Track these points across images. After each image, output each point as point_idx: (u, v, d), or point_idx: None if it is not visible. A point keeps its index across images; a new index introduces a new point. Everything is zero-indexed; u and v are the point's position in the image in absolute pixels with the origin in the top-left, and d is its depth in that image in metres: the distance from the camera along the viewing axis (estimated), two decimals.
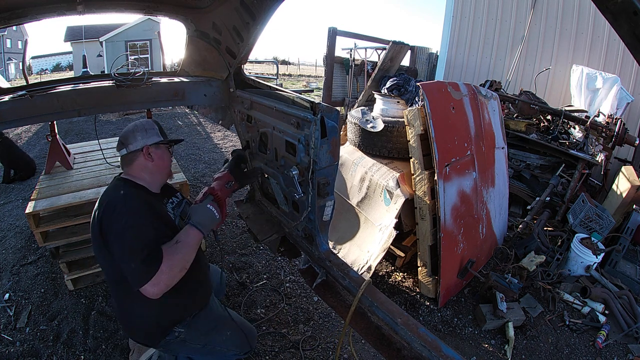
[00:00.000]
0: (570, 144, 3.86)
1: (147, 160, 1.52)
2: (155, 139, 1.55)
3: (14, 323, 2.25)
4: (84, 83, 2.02)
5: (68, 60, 22.63)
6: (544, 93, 5.74)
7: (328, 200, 1.66)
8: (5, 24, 1.62)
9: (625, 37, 0.71)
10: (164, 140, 1.59)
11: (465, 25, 6.55)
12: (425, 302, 2.67)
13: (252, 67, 17.59)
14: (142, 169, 1.53)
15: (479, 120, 2.88)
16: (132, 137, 1.51)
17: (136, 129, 1.53)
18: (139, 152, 1.51)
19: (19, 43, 23.24)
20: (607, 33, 5.41)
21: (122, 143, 1.52)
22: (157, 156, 1.55)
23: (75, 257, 2.44)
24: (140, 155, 1.51)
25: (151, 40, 16.43)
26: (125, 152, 1.51)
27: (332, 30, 5.80)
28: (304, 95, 1.74)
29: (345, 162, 3.19)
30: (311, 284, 1.87)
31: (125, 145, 1.51)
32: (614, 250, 3.13)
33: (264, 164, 1.96)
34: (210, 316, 1.69)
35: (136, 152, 1.51)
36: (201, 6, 1.91)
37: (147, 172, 1.53)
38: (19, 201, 3.87)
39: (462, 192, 2.63)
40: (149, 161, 1.52)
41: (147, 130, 1.54)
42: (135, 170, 1.52)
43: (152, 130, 1.56)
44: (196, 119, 8.21)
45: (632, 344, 2.43)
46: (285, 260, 3.02)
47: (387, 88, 4.14)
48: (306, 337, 2.30)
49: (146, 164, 1.52)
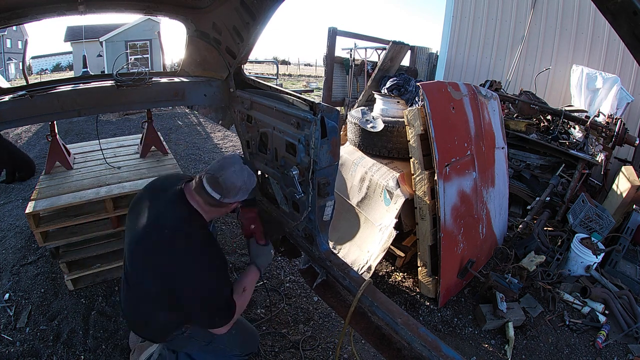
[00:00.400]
0: (570, 144, 3.86)
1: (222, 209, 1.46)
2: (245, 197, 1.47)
3: (14, 323, 2.25)
4: (84, 83, 2.03)
5: (68, 61, 22.63)
6: (544, 93, 5.74)
7: (328, 200, 1.66)
8: (5, 24, 1.63)
9: (625, 37, 0.71)
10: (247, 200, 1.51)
11: (465, 25, 6.55)
12: (425, 302, 2.67)
13: (252, 67, 17.59)
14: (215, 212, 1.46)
15: (479, 120, 2.88)
16: (235, 192, 1.39)
17: (243, 187, 1.41)
18: (229, 205, 1.44)
19: (19, 43, 23.24)
20: (607, 33, 5.42)
21: (220, 187, 1.37)
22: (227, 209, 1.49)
23: (75, 257, 2.44)
24: (226, 208, 1.45)
25: (151, 40, 16.42)
26: (217, 198, 1.38)
27: (332, 30, 5.81)
28: (304, 96, 1.74)
29: (345, 162, 3.19)
30: (311, 284, 1.87)
31: (223, 194, 1.38)
32: (614, 250, 3.13)
33: (264, 164, 1.96)
34: None
35: (227, 204, 1.42)
36: (201, 6, 1.91)
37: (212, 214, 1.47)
38: (19, 201, 3.87)
39: (462, 192, 2.63)
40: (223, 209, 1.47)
41: (247, 190, 1.44)
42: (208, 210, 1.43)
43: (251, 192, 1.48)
44: (196, 119, 8.21)
45: (632, 344, 2.43)
46: (285, 260, 3.02)
47: (387, 88, 4.14)
48: (306, 337, 2.30)
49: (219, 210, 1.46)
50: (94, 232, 2.46)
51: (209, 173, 1.39)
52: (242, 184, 1.41)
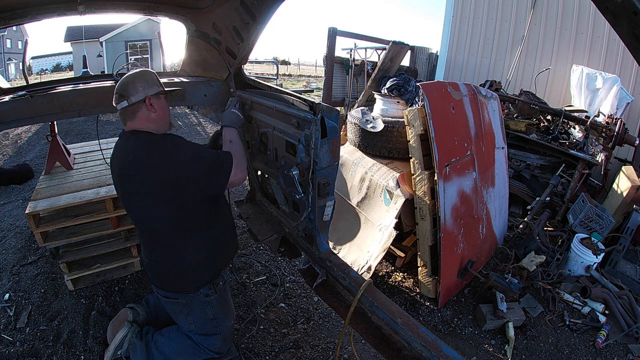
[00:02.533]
0: (570, 144, 3.86)
1: (150, 111, 1.48)
2: (156, 89, 1.50)
3: (14, 323, 2.25)
4: (84, 83, 2.03)
5: (68, 61, 22.60)
6: (544, 93, 5.74)
7: (328, 201, 1.66)
8: (5, 24, 1.63)
9: (625, 37, 0.71)
10: (162, 90, 1.54)
11: (465, 25, 6.55)
12: (425, 302, 2.67)
13: (252, 67, 17.59)
14: (147, 120, 1.48)
15: (479, 120, 2.88)
16: (133, 87, 1.44)
17: (136, 79, 1.46)
18: (141, 103, 1.45)
19: (19, 43, 23.23)
20: (607, 33, 5.42)
21: (122, 95, 1.44)
22: (159, 107, 1.50)
23: (75, 257, 2.44)
24: (142, 106, 1.46)
25: (151, 40, 16.44)
26: (126, 105, 1.44)
27: (332, 30, 5.80)
28: (304, 96, 1.74)
29: (345, 162, 3.19)
30: (311, 284, 1.87)
31: (126, 96, 1.44)
32: (614, 250, 3.13)
33: (264, 164, 1.96)
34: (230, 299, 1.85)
35: (138, 103, 1.45)
36: (201, 6, 1.91)
37: (152, 122, 1.49)
38: (19, 201, 3.87)
39: (462, 192, 2.63)
40: (152, 112, 1.48)
41: (147, 80, 1.48)
42: (140, 122, 1.47)
43: (152, 80, 1.50)
44: (196, 119, 8.21)
45: (632, 344, 2.43)
46: (286, 260, 3.02)
47: (387, 88, 4.14)
48: (306, 337, 2.30)
49: (149, 115, 1.48)
50: (94, 232, 2.46)
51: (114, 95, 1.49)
52: (133, 77, 1.47)
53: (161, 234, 1.54)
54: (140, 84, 1.46)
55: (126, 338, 1.85)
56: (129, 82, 1.46)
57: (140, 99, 1.45)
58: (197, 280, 1.63)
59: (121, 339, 1.85)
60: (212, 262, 1.67)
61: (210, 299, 1.68)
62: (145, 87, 1.47)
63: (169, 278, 1.63)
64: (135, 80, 1.46)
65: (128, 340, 1.85)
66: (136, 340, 1.83)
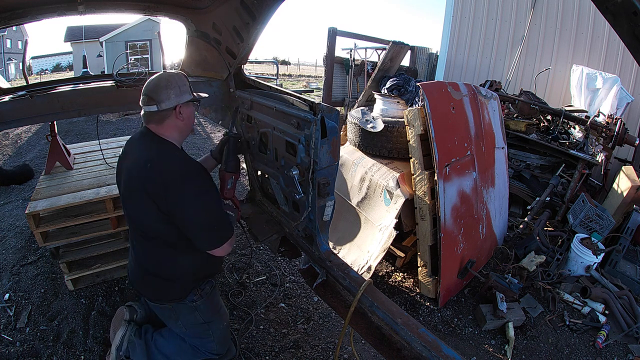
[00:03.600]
0: (570, 144, 3.86)
1: (178, 119, 1.46)
2: (187, 97, 1.48)
3: (14, 323, 2.25)
4: (84, 83, 2.03)
5: (68, 61, 22.60)
6: (544, 93, 5.74)
7: (328, 201, 1.66)
8: (5, 24, 1.63)
9: (625, 37, 0.71)
10: (194, 98, 1.52)
11: (465, 25, 6.55)
12: (425, 302, 2.67)
13: (252, 68, 17.59)
14: (173, 127, 1.47)
15: (479, 121, 2.88)
16: (165, 94, 1.41)
17: (169, 85, 1.43)
18: (171, 110, 1.43)
19: (19, 43, 23.23)
20: (607, 33, 5.42)
21: (152, 99, 1.41)
22: (186, 115, 1.49)
23: (76, 257, 2.44)
24: (172, 114, 1.44)
25: (151, 40, 16.42)
26: (155, 109, 1.42)
27: (332, 30, 5.81)
28: (304, 96, 1.74)
29: (345, 162, 3.19)
30: (311, 284, 1.87)
31: (157, 102, 1.41)
32: (614, 250, 3.13)
33: (264, 164, 1.96)
34: (218, 300, 1.84)
35: (168, 110, 1.43)
36: (201, 6, 1.91)
37: (177, 130, 1.49)
38: (19, 201, 3.87)
39: (462, 192, 2.63)
40: (180, 120, 1.47)
41: (180, 87, 1.45)
42: (167, 128, 1.46)
43: (185, 87, 1.47)
44: (196, 119, 8.21)
45: (632, 344, 2.43)
46: (286, 260, 3.02)
47: (387, 88, 4.14)
48: (306, 337, 2.30)
49: (177, 123, 1.47)
50: (94, 232, 2.46)
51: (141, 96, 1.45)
52: (167, 81, 1.43)
53: (154, 240, 1.53)
54: (173, 91, 1.43)
55: (125, 337, 1.84)
56: (162, 87, 1.42)
57: (171, 106, 1.42)
58: (183, 289, 1.61)
59: (120, 338, 1.84)
60: (200, 273, 1.65)
61: (197, 304, 1.66)
62: (178, 94, 1.44)
63: (154, 285, 1.62)
64: (169, 86, 1.43)
65: (127, 338, 1.84)
66: (135, 338, 1.82)
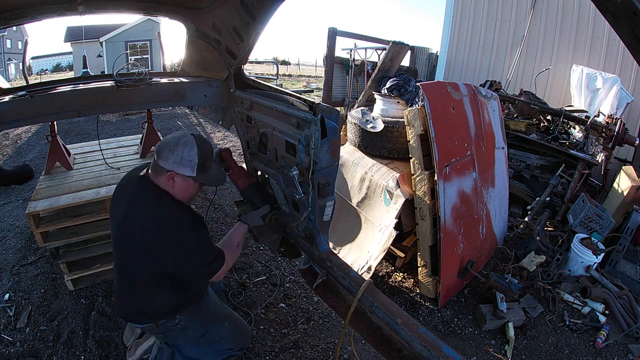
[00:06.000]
0: (570, 144, 3.86)
1: (168, 185, 1.46)
2: (186, 172, 1.44)
3: (14, 323, 2.25)
4: (84, 83, 2.03)
5: (68, 61, 22.59)
6: (544, 93, 5.74)
7: (328, 201, 1.66)
8: (5, 24, 1.62)
9: (625, 37, 0.71)
10: (195, 177, 1.47)
11: (465, 25, 6.55)
12: (425, 302, 2.67)
13: (252, 68, 17.58)
14: (165, 185, 1.46)
15: (479, 121, 2.88)
16: (166, 155, 1.41)
17: (174, 151, 1.41)
18: (164, 171, 1.43)
19: (19, 43, 23.23)
20: (607, 33, 5.42)
21: (157, 152, 1.44)
22: (179, 186, 1.46)
23: (76, 258, 2.44)
24: (164, 174, 1.44)
25: (151, 40, 16.41)
26: (155, 159, 1.45)
27: (332, 30, 5.81)
28: (304, 96, 1.74)
29: (345, 163, 3.19)
30: (311, 284, 1.87)
31: (158, 156, 1.43)
32: (614, 250, 3.13)
33: (264, 164, 1.96)
34: (209, 307, 1.75)
35: (162, 169, 1.43)
36: (201, 7, 1.91)
37: (169, 189, 1.47)
38: (19, 201, 3.87)
39: (462, 192, 2.63)
40: (170, 186, 1.46)
41: (182, 159, 1.41)
42: (160, 182, 1.47)
43: (189, 163, 1.43)
44: (196, 120, 8.21)
45: (632, 344, 2.43)
46: (286, 260, 3.02)
47: (387, 88, 4.14)
48: (306, 337, 2.30)
49: (167, 185, 1.46)
50: (94, 233, 2.46)
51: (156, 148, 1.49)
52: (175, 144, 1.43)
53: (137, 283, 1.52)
54: (173, 157, 1.41)
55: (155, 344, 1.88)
56: (171, 146, 1.42)
57: (165, 167, 1.42)
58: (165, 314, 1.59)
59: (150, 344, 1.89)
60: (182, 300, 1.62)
61: (184, 324, 1.62)
62: (177, 163, 1.42)
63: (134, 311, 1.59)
64: (173, 150, 1.41)
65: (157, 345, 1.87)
66: (164, 345, 1.83)
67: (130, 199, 1.48)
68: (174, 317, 1.59)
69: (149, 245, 1.41)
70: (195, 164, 1.45)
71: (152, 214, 1.43)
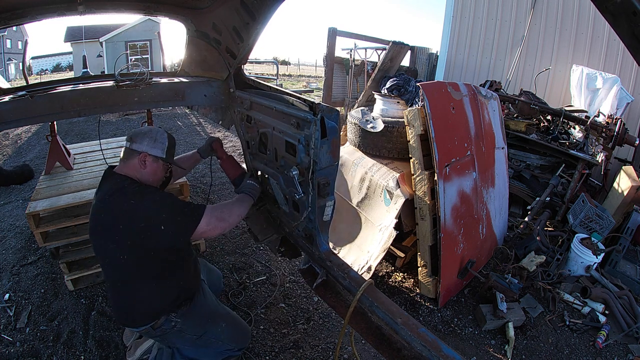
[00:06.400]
0: (570, 144, 3.86)
1: (140, 168, 1.56)
2: (157, 153, 1.59)
3: (14, 323, 2.25)
4: (84, 83, 2.03)
5: (68, 61, 22.60)
6: (544, 93, 5.74)
7: (328, 201, 1.66)
8: (5, 24, 1.62)
9: (625, 37, 0.71)
10: (164, 158, 1.62)
11: (465, 25, 6.55)
12: (425, 302, 2.67)
13: (252, 68, 17.60)
14: (135, 170, 1.56)
15: (479, 121, 2.88)
16: (141, 138, 1.57)
17: (148, 134, 1.59)
18: (136, 154, 1.56)
19: (19, 43, 23.23)
20: (607, 33, 5.42)
21: (131, 138, 1.58)
22: (150, 167, 1.58)
23: (76, 258, 2.44)
24: (136, 157, 1.56)
25: (151, 40, 16.43)
26: (127, 146, 1.57)
27: (332, 30, 5.81)
28: (304, 96, 1.74)
29: (345, 163, 3.19)
30: (311, 284, 1.87)
31: (132, 141, 1.57)
32: (614, 250, 3.13)
33: (264, 164, 1.96)
34: (205, 307, 1.75)
35: (134, 152, 1.56)
36: (201, 6, 1.91)
37: (138, 174, 1.57)
38: (19, 201, 3.87)
39: (462, 192, 2.63)
40: (142, 168, 1.57)
41: (155, 141, 1.59)
42: (129, 168, 1.56)
43: (161, 145, 1.60)
44: (196, 120, 8.21)
45: (632, 344, 2.43)
46: (286, 260, 3.02)
47: (387, 88, 4.15)
48: (306, 337, 2.30)
49: (137, 168, 1.56)
50: None
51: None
52: (149, 130, 1.61)
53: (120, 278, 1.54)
54: (147, 139, 1.58)
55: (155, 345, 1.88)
56: (146, 132, 1.60)
57: (137, 150, 1.55)
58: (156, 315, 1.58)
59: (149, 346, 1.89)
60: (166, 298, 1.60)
61: (180, 327, 1.63)
62: (150, 144, 1.57)
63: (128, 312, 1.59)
64: (147, 135, 1.59)
65: (157, 346, 1.87)
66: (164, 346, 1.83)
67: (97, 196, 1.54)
68: (170, 318, 1.59)
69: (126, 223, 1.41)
70: (165, 147, 1.62)
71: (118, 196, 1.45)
